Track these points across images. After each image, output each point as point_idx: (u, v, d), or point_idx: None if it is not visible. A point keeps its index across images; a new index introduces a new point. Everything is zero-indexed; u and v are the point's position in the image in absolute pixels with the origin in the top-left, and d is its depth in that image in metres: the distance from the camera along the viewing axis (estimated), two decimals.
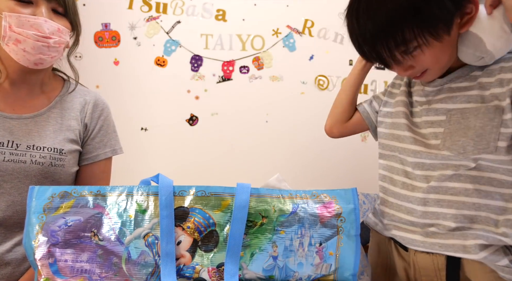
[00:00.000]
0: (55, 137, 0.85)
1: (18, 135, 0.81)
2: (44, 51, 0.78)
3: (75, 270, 0.58)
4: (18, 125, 0.82)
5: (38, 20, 0.75)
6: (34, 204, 0.60)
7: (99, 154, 0.93)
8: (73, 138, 0.88)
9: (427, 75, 0.78)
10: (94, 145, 0.93)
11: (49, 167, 0.82)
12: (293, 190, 0.66)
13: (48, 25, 0.77)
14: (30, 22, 0.75)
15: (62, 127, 0.87)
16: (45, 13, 0.77)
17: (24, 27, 0.75)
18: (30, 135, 0.83)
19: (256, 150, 2.35)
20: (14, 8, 0.75)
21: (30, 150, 0.81)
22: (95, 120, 0.93)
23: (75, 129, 0.89)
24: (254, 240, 0.61)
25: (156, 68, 2.26)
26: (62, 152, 0.85)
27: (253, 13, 2.30)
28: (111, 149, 0.96)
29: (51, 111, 0.87)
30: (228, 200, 0.62)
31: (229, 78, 2.30)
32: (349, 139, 2.44)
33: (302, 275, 0.61)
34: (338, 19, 2.41)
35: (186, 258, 0.60)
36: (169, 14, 2.25)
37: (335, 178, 2.44)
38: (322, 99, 2.41)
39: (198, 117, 2.32)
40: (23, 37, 0.75)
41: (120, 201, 0.61)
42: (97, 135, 0.93)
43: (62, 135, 0.86)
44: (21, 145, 0.81)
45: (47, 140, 0.83)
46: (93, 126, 0.93)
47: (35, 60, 0.78)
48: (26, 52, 0.76)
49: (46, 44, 0.77)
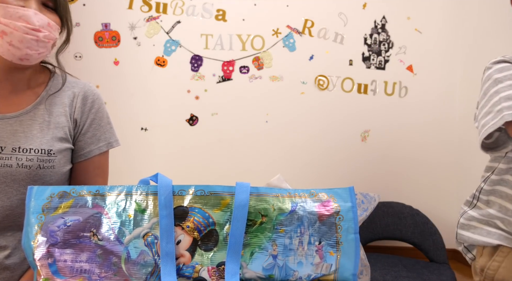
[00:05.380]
0: (42, 137, 0.80)
1: (2, 137, 0.77)
2: (32, 46, 0.73)
3: (75, 270, 0.58)
4: (2, 126, 0.77)
5: (28, 12, 0.71)
6: (33, 204, 0.60)
7: (92, 150, 0.88)
8: (62, 136, 0.83)
9: None
10: (86, 141, 0.88)
11: (37, 169, 0.78)
12: (292, 189, 0.65)
13: (38, 18, 0.73)
14: (19, 13, 0.70)
15: (49, 125, 0.82)
16: (35, 6, 0.73)
17: (12, 18, 0.70)
18: (16, 136, 0.78)
19: (256, 150, 2.35)
20: None
21: (16, 153, 0.77)
22: (86, 114, 0.88)
23: (64, 126, 0.84)
24: (254, 239, 0.61)
25: (156, 68, 2.26)
26: (51, 152, 0.80)
27: (253, 13, 2.30)
28: (106, 143, 0.90)
29: (37, 108, 0.82)
30: (227, 199, 0.62)
31: (229, 78, 2.30)
32: (349, 139, 2.45)
33: (302, 274, 0.61)
34: (338, 19, 2.41)
35: (185, 257, 0.60)
36: (169, 14, 2.25)
37: (334, 177, 2.44)
38: (322, 99, 2.41)
39: (198, 117, 2.32)
40: (10, 29, 0.70)
41: (119, 200, 0.61)
42: (88, 130, 0.88)
43: (50, 134, 0.81)
44: (5, 148, 0.76)
45: (33, 141, 0.79)
46: (83, 121, 0.87)
47: (21, 55, 0.73)
48: (12, 46, 0.71)
49: (35, 38, 0.73)
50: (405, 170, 2.49)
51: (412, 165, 2.50)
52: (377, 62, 2.42)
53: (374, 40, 2.41)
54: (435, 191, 2.51)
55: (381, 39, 2.42)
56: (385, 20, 2.42)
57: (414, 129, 2.48)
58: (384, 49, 2.43)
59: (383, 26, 2.42)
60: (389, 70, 2.45)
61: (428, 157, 2.51)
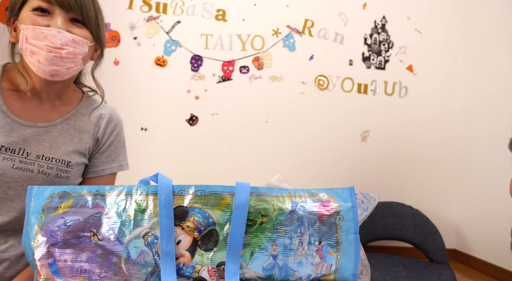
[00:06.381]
0: (65, 148, 0.86)
1: (30, 144, 0.82)
2: (57, 62, 0.78)
3: (75, 270, 0.58)
4: (32, 134, 0.83)
5: (51, 31, 0.76)
6: (33, 204, 0.60)
7: (105, 169, 0.94)
8: (82, 151, 0.90)
9: None
10: (101, 159, 0.94)
11: (55, 178, 0.83)
12: (292, 189, 0.65)
13: (60, 36, 0.77)
14: (43, 33, 0.75)
15: (73, 140, 0.88)
16: (60, 24, 0.77)
17: (39, 38, 0.75)
18: (42, 145, 0.84)
19: (256, 150, 2.35)
20: (32, 17, 0.76)
21: (39, 160, 0.82)
22: (108, 135, 0.95)
23: (86, 143, 0.91)
24: (254, 239, 0.61)
25: (156, 68, 2.26)
26: (70, 164, 0.86)
27: (253, 13, 2.30)
28: (118, 165, 0.97)
29: (65, 122, 0.88)
30: (227, 199, 0.62)
31: (229, 78, 2.30)
32: (349, 140, 2.45)
33: (302, 274, 0.61)
34: (338, 19, 2.42)
35: (185, 257, 0.60)
36: (169, 14, 2.25)
37: (334, 177, 2.44)
38: (322, 99, 2.41)
39: (198, 117, 2.32)
40: (36, 49, 0.76)
41: (119, 200, 0.61)
42: (106, 150, 0.95)
43: (72, 147, 0.88)
44: (31, 154, 0.82)
45: (56, 152, 0.85)
46: (104, 141, 0.94)
47: (49, 71, 0.78)
48: (41, 64, 0.77)
49: (58, 55, 0.77)
50: (405, 170, 2.49)
51: (412, 165, 2.50)
52: (377, 62, 2.43)
53: (374, 40, 2.41)
54: (435, 191, 2.51)
55: (381, 39, 2.42)
56: (385, 20, 2.42)
57: (414, 129, 2.48)
58: (384, 49, 2.43)
59: (383, 26, 2.42)
60: (389, 70, 2.45)
61: (428, 157, 2.51)
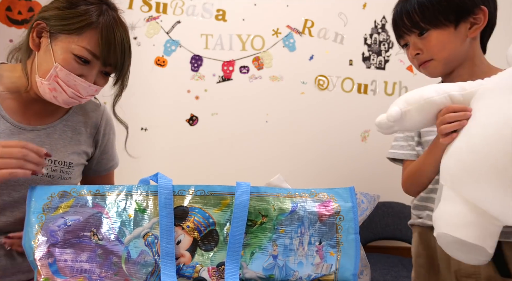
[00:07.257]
0: (65, 150, 0.87)
1: None
2: (73, 103, 0.81)
3: (75, 270, 0.58)
4: (32, 137, 0.84)
5: (83, 84, 0.77)
6: (33, 204, 0.60)
7: (108, 168, 0.99)
8: (81, 152, 0.90)
9: (430, 66, 0.89)
10: (105, 160, 0.97)
11: (58, 180, 0.84)
12: (292, 189, 0.65)
13: (89, 89, 0.79)
14: (75, 82, 0.77)
15: (72, 141, 0.89)
16: (94, 78, 0.79)
17: (68, 84, 0.76)
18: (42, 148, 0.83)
19: (256, 150, 2.35)
20: (72, 64, 0.76)
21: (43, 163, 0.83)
22: (106, 136, 0.97)
23: (85, 143, 0.92)
24: (254, 239, 0.61)
25: (156, 68, 2.26)
26: (71, 165, 0.86)
27: (253, 13, 2.30)
28: (116, 162, 1.01)
29: (63, 123, 0.89)
30: (227, 199, 0.62)
31: (229, 78, 2.30)
32: (349, 139, 2.44)
33: (302, 274, 0.61)
34: (338, 19, 2.41)
35: (186, 257, 0.60)
36: (169, 14, 2.25)
37: (334, 177, 2.43)
38: (322, 99, 2.41)
39: (198, 117, 2.31)
40: (60, 89, 0.77)
41: (120, 200, 0.61)
42: (106, 150, 0.97)
43: (72, 149, 0.88)
44: None
45: (58, 154, 0.85)
46: (104, 141, 0.96)
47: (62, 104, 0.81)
48: (57, 100, 0.79)
49: (77, 102, 0.80)
50: None
51: None
52: (377, 62, 2.42)
53: (374, 40, 2.41)
54: None
55: (381, 39, 2.42)
56: (385, 20, 2.42)
57: None
58: (384, 49, 2.43)
59: (383, 26, 2.42)
60: (389, 70, 2.45)
61: None
